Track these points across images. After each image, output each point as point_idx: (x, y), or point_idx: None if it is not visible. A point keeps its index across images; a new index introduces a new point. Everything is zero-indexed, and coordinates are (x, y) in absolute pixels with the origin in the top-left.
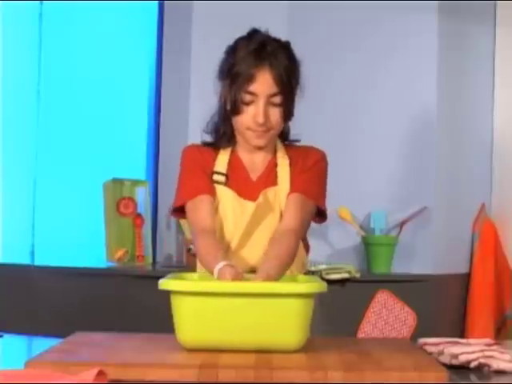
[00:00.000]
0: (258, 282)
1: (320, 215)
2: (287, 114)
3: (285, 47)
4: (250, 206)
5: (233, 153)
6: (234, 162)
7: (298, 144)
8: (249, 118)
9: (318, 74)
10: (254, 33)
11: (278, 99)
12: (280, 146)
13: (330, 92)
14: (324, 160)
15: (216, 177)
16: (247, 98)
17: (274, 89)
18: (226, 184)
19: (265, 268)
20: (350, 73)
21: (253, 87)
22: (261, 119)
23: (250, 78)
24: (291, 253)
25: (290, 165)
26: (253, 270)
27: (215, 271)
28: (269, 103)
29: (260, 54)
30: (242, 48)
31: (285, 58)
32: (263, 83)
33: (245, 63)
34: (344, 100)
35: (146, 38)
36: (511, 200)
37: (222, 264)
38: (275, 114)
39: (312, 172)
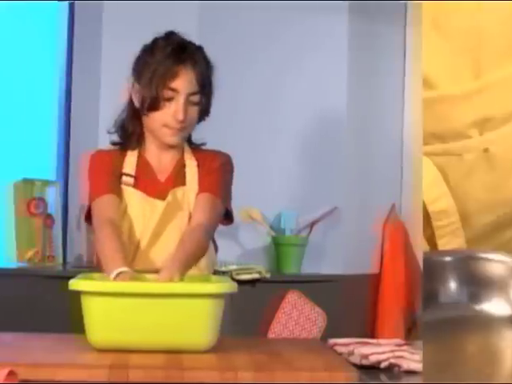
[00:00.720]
0: (167, 281)
1: (227, 218)
2: (203, 113)
3: (201, 50)
4: (159, 205)
5: (140, 154)
6: (141, 163)
7: (203, 148)
8: (168, 115)
9: (228, 74)
10: (171, 34)
11: (197, 98)
12: (187, 147)
13: (241, 92)
14: (229, 164)
15: (125, 178)
16: (168, 94)
17: (194, 87)
18: (133, 186)
19: (169, 264)
20: (261, 73)
21: (175, 84)
22: (181, 116)
23: (173, 75)
24: (201, 245)
25: (198, 166)
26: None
27: (112, 275)
28: (188, 101)
29: (181, 54)
30: (161, 47)
31: (203, 59)
32: (185, 80)
33: (167, 60)
34: (254, 100)
35: (55, 39)
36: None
37: (120, 270)
38: (193, 112)
39: (218, 174)
